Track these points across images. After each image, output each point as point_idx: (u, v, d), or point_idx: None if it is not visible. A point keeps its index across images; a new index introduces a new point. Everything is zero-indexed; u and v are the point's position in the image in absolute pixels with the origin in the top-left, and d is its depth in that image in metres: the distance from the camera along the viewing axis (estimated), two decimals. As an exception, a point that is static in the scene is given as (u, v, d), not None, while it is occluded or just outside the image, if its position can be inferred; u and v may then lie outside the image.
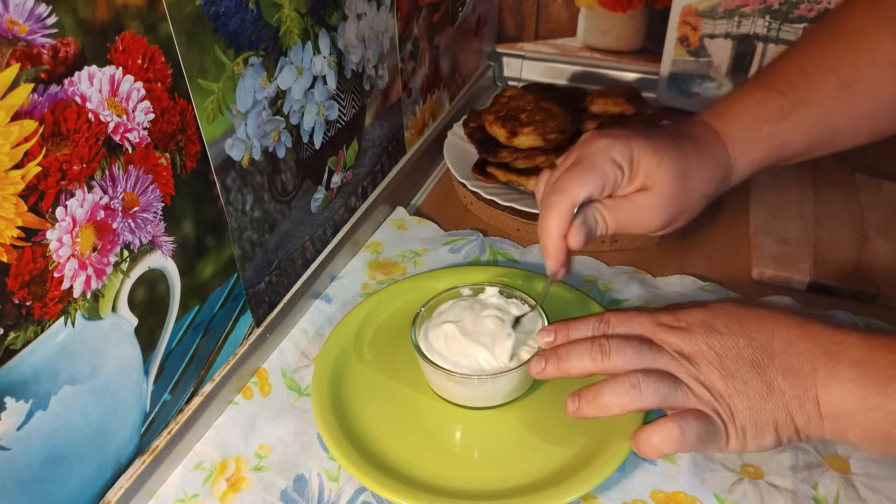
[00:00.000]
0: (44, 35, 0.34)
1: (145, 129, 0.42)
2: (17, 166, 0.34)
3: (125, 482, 0.46)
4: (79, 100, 0.37)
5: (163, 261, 0.46)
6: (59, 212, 0.37)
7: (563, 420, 0.48)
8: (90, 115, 0.38)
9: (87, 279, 0.40)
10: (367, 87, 0.67)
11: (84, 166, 0.38)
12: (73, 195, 0.38)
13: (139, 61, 0.40)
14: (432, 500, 0.46)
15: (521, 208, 0.70)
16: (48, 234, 0.37)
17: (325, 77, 0.59)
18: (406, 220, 0.74)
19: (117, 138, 0.40)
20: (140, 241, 0.44)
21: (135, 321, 0.45)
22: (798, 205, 0.71)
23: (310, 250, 0.64)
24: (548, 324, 0.52)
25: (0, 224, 0.34)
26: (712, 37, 0.86)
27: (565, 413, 0.46)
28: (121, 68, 0.39)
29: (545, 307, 0.54)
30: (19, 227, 0.35)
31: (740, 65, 0.86)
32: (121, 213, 0.42)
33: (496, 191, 0.72)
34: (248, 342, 0.56)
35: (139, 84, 0.41)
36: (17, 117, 0.34)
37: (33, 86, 0.34)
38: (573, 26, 0.97)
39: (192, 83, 0.45)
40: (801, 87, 0.52)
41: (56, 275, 0.38)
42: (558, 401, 0.48)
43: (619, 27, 0.94)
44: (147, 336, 0.46)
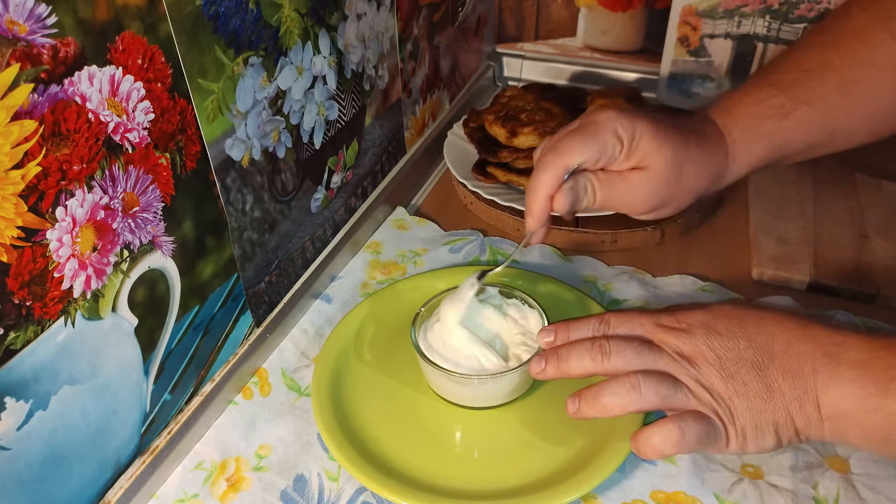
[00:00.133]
0: (44, 35, 0.34)
1: (145, 129, 0.42)
2: (17, 166, 0.34)
3: (125, 482, 0.46)
4: (79, 100, 0.37)
5: (163, 261, 0.46)
6: (59, 212, 0.37)
7: (563, 420, 0.48)
8: (90, 115, 0.38)
9: (87, 279, 0.40)
10: (367, 87, 0.67)
11: (84, 166, 0.38)
12: (73, 195, 0.38)
13: (139, 61, 0.40)
14: (432, 500, 0.46)
15: (521, 208, 0.69)
16: (48, 234, 0.37)
17: (325, 77, 0.59)
18: (406, 220, 0.74)
19: (117, 138, 0.40)
20: (140, 241, 0.43)
21: (135, 321, 0.44)
22: (798, 204, 0.71)
23: (310, 250, 0.64)
24: (548, 323, 0.52)
25: (0, 224, 0.34)
26: (712, 37, 0.85)
27: (565, 413, 0.46)
28: (121, 68, 0.39)
29: (545, 307, 0.54)
30: (19, 227, 0.35)
31: (740, 65, 0.86)
32: (121, 213, 0.41)
33: (496, 191, 0.72)
34: (248, 342, 0.56)
35: (139, 84, 0.41)
36: (17, 117, 0.34)
37: (33, 86, 0.34)
38: (573, 26, 0.97)
39: (192, 83, 0.45)
40: (803, 87, 0.52)
41: (56, 275, 0.38)
42: (558, 401, 0.48)
43: (619, 27, 0.94)
44: (147, 336, 0.46)
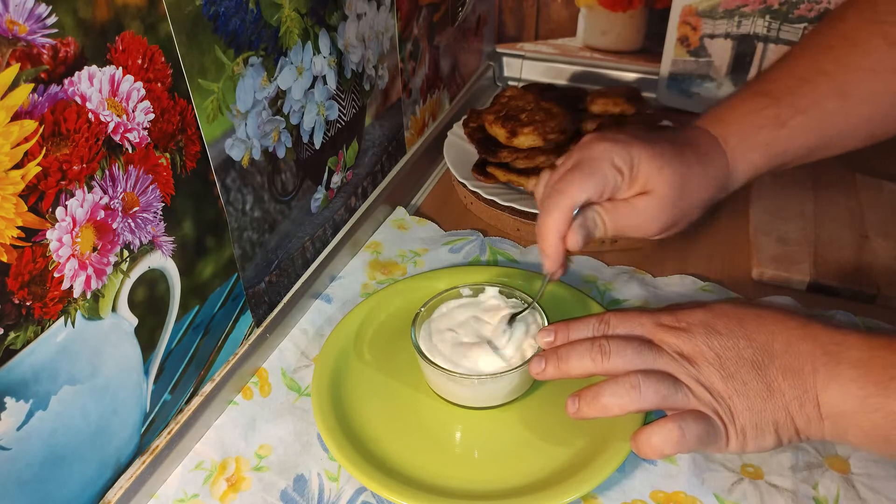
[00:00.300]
0: (44, 35, 0.34)
1: (145, 129, 0.42)
2: (17, 166, 0.34)
3: (125, 482, 0.46)
4: (79, 100, 0.37)
5: (163, 261, 0.46)
6: (59, 212, 0.37)
7: (563, 420, 0.48)
8: (90, 115, 0.38)
9: (87, 279, 0.40)
10: (367, 87, 0.67)
11: (84, 166, 0.38)
12: (73, 195, 0.38)
13: (139, 61, 0.40)
14: (432, 500, 0.46)
15: (521, 208, 0.70)
16: (48, 234, 0.37)
17: (325, 77, 0.59)
18: (406, 220, 0.74)
19: (117, 138, 0.40)
20: (140, 241, 0.43)
21: (135, 321, 0.44)
22: (798, 205, 0.71)
23: (310, 250, 0.64)
24: (548, 324, 0.52)
25: (0, 224, 0.34)
26: (712, 37, 0.85)
27: (565, 413, 0.46)
28: (121, 68, 0.39)
29: (545, 307, 0.54)
30: (19, 227, 0.35)
31: (740, 65, 0.86)
32: (121, 213, 0.41)
33: (496, 191, 0.72)
34: (248, 342, 0.56)
35: (139, 84, 0.41)
36: (17, 117, 0.34)
37: (33, 86, 0.34)
38: (573, 26, 0.97)
39: (192, 83, 0.45)
40: (797, 95, 0.52)
41: (56, 275, 0.38)
42: (558, 401, 0.48)
43: (619, 27, 0.94)
44: (147, 336, 0.46)
